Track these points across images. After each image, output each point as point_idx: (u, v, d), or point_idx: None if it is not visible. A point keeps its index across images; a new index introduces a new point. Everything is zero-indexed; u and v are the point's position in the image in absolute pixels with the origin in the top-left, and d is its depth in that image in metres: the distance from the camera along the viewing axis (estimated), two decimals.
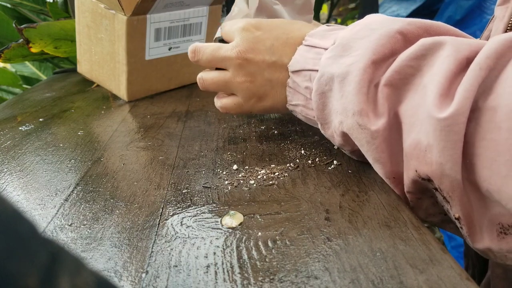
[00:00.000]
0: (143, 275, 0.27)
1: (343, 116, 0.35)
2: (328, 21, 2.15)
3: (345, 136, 0.37)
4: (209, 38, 0.73)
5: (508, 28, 0.46)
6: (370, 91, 0.33)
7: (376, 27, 0.35)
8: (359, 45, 0.35)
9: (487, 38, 0.52)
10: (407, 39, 0.34)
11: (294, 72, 0.40)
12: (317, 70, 0.38)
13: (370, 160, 0.35)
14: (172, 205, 0.35)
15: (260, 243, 0.29)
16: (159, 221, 0.33)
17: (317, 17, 1.56)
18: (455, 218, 0.30)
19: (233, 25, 0.45)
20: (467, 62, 0.29)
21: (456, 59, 0.29)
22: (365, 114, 0.33)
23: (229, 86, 0.44)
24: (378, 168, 0.35)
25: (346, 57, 0.35)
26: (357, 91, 0.33)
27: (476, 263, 0.53)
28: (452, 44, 0.30)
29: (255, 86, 0.43)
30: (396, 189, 0.35)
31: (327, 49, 0.38)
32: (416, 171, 0.31)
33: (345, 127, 0.35)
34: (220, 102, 0.47)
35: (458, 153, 0.28)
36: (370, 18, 0.38)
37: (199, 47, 0.46)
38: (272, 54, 0.42)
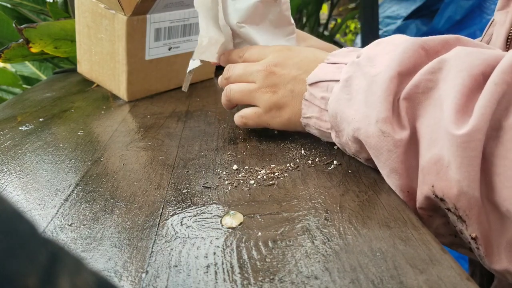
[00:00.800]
0: (143, 275, 0.27)
1: (363, 123, 0.34)
2: (328, 21, 2.15)
3: (360, 142, 0.36)
4: None
5: (510, 34, 0.45)
6: (395, 102, 0.33)
7: (399, 42, 0.35)
8: (384, 58, 0.35)
9: (487, 43, 0.52)
10: (428, 54, 0.34)
11: (312, 84, 0.41)
12: (336, 81, 0.38)
13: (386, 171, 0.34)
14: (172, 205, 0.35)
15: (260, 243, 0.29)
16: (159, 221, 0.33)
17: (317, 17, 1.56)
18: (472, 238, 0.30)
19: (263, 49, 0.47)
20: (484, 77, 0.29)
21: (471, 74, 0.29)
22: (390, 122, 0.33)
23: (252, 96, 0.46)
24: (394, 179, 0.34)
25: (370, 68, 0.35)
26: (383, 99, 0.33)
27: (485, 272, 0.52)
28: (464, 59, 0.30)
29: (277, 96, 0.44)
30: (409, 204, 0.34)
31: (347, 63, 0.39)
32: (432, 186, 0.31)
33: (362, 134, 0.35)
34: (241, 112, 0.48)
35: (475, 170, 0.28)
36: (393, 37, 0.38)
37: (232, 65, 0.49)
38: (298, 68, 0.43)
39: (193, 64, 0.54)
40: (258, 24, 0.50)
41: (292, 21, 0.52)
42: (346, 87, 0.37)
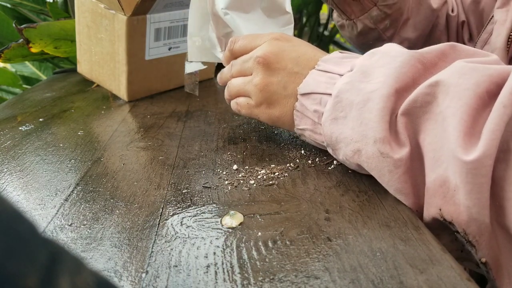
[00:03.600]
0: (143, 275, 0.27)
1: (362, 144, 0.34)
2: (328, 21, 2.15)
3: (358, 165, 0.36)
4: None
5: (511, 33, 0.45)
6: (392, 120, 0.32)
7: (396, 55, 0.34)
8: (380, 72, 0.34)
9: (485, 42, 0.51)
10: (426, 68, 0.33)
11: (303, 95, 0.39)
12: (329, 94, 0.37)
13: (392, 191, 0.34)
14: (172, 205, 0.35)
15: (260, 243, 0.29)
16: (159, 221, 0.33)
17: (317, 17, 1.56)
18: (482, 263, 0.29)
19: (257, 38, 0.44)
20: (489, 96, 0.28)
21: (476, 93, 0.28)
22: (388, 142, 0.32)
23: (246, 88, 0.44)
24: (401, 199, 0.33)
25: (366, 84, 0.34)
26: (379, 119, 0.32)
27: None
28: (468, 75, 0.29)
29: (268, 91, 0.42)
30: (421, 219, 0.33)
31: (342, 75, 0.37)
32: (440, 209, 0.30)
33: (363, 157, 0.34)
34: (236, 99, 0.46)
35: (485, 196, 0.27)
36: (387, 46, 0.37)
37: (234, 61, 0.46)
38: (296, 64, 0.41)
39: (193, 66, 0.53)
40: (247, 11, 0.47)
41: (289, 9, 0.48)
42: (339, 102, 0.35)
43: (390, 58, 0.34)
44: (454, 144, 0.28)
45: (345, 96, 0.35)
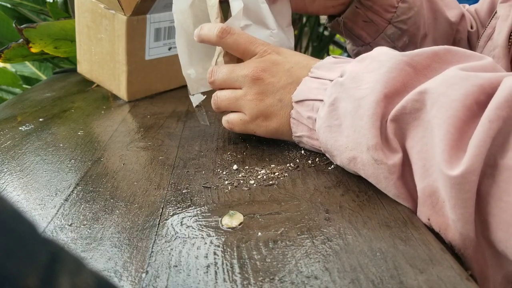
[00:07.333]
0: (143, 275, 0.27)
1: (357, 152, 0.34)
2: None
3: (355, 171, 0.36)
4: None
5: None
6: (383, 126, 0.32)
7: (384, 59, 0.34)
8: (369, 78, 0.34)
9: (489, 37, 0.51)
10: (417, 71, 0.32)
11: (298, 102, 0.40)
12: (321, 100, 0.37)
13: (391, 196, 0.34)
14: (172, 205, 0.35)
15: (260, 243, 0.29)
16: (159, 221, 0.33)
17: (317, 17, 1.56)
18: (468, 274, 0.29)
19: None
20: (478, 106, 0.28)
21: (464, 105, 0.28)
22: (380, 149, 0.32)
23: (239, 103, 0.44)
24: (401, 203, 0.33)
25: (356, 90, 0.34)
26: (370, 125, 0.32)
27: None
28: (459, 85, 0.28)
29: (264, 104, 0.42)
30: None
31: (332, 80, 0.37)
32: (428, 219, 0.30)
33: (359, 164, 0.34)
34: (227, 117, 0.46)
35: (469, 211, 0.27)
36: (377, 50, 0.36)
37: (215, 67, 0.46)
38: (289, 76, 0.41)
39: (197, 98, 0.53)
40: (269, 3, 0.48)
41: (290, 19, 0.50)
42: (334, 111, 0.36)
43: (379, 63, 0.34)
44: (440, 158, 0.28)
45: (341, 105, 0.35)
